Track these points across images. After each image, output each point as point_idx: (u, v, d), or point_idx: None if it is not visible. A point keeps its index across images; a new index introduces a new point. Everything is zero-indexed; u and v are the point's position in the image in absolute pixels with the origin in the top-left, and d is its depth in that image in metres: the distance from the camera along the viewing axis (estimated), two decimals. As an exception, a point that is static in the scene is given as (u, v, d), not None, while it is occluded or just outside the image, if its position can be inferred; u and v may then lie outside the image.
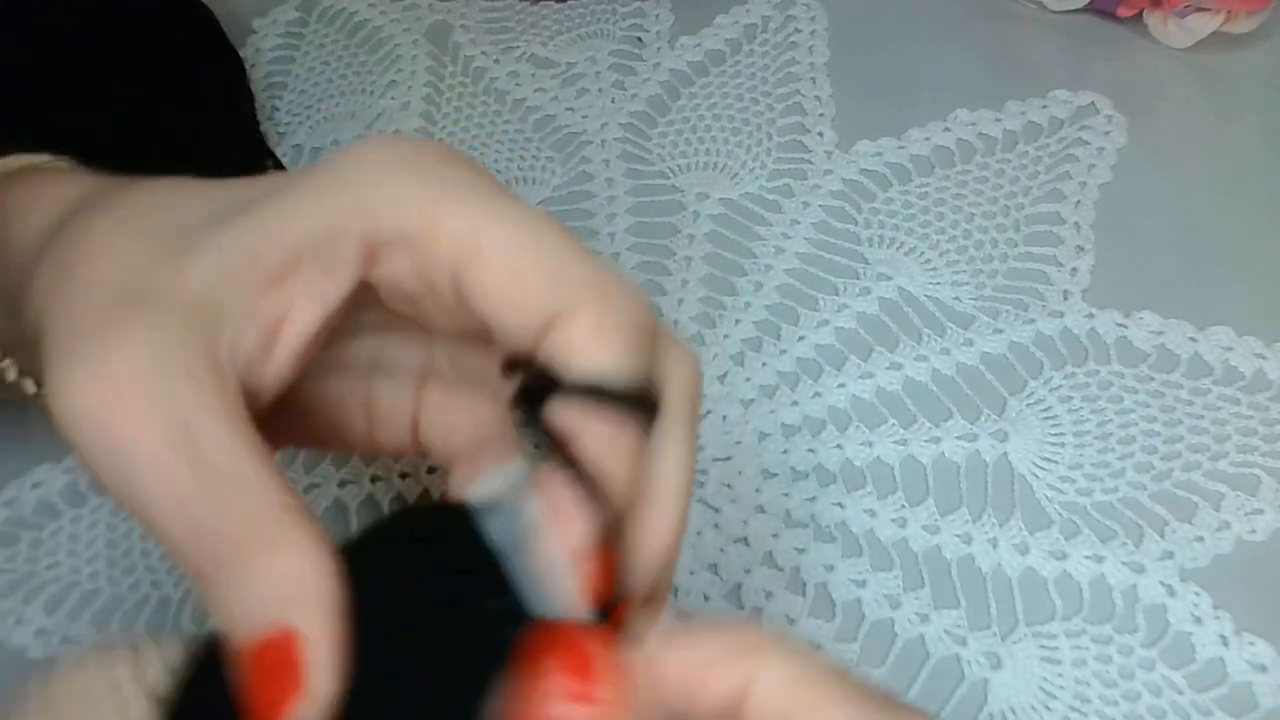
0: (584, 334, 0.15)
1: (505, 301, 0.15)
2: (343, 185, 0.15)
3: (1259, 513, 0.29)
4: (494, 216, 0.15)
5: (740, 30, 0.42)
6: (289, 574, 0.14)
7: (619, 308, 0.15)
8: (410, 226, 0.15)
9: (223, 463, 0.14)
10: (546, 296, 0.15)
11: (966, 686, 0.26)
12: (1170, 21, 0.39)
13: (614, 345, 0.15)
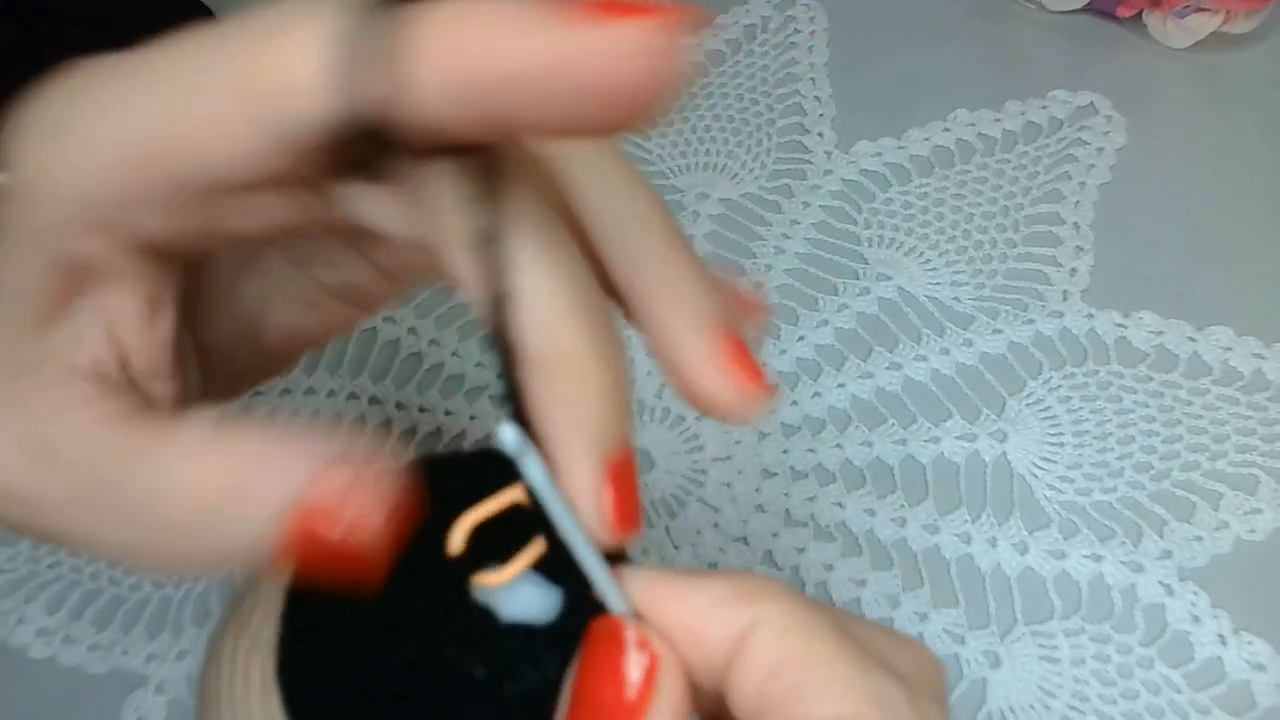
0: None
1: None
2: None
3: (1257, 512, 0.29)
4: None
5: (740, 30, 0.42)
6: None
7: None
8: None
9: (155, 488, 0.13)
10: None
11: (965, 685, 0.26)
12: (1169, 21, 0.39)
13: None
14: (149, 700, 0.27)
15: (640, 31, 0.10)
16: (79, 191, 0.13)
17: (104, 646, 0.27)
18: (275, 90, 0.11)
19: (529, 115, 0.11)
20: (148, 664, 0.27)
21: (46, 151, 0.13)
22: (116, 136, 0.12)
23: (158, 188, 0.12)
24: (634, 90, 0.11)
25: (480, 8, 0.11)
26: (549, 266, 0.13)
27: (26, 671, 0.27)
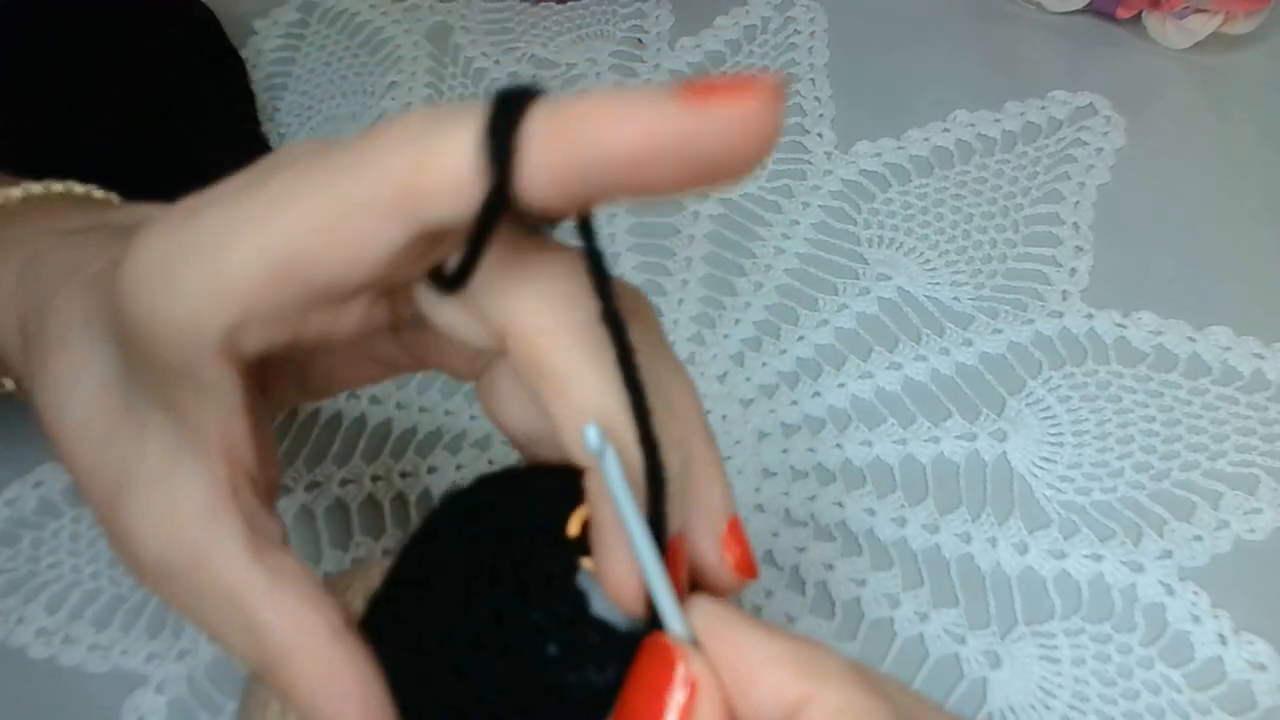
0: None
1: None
2: (142, 312, 0.15)
3: (1257, 512, 0.29)
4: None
5: (740, 31, 0.42)
6: (318, 711, 0.15)
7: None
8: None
9: (230, 617, 0.16)
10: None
11: (965, 685, 0.26)
12: (1169, 22, 0.39)
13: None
14: (149, 700, 0.27)
15: (742, 110, 0.12)
16: (207, 318, 0.14)
17: (104, 646, 0.27)
18: (432, 191, 0.13)
19: (644, 183, 0.13)
20: (148, 664, 0.27)
21: (167, 286, 0.14)
22: (259, 251, 0.14)
23: (290, 297, 0.14)
24: (739, 160, 0.12)
25: (602, 96, 0.13)
26: (681, 378, 0.16)
27: (26, 671, 0.27)
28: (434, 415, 0.32)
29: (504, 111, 0.12)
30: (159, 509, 0.16)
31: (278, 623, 0.16)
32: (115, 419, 0.16)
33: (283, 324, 0.15)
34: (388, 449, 0.31)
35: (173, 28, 0.37)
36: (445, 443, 0.31)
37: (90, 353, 0.17)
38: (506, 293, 0.14)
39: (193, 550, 0.16)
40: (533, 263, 0.15)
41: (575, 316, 0.14)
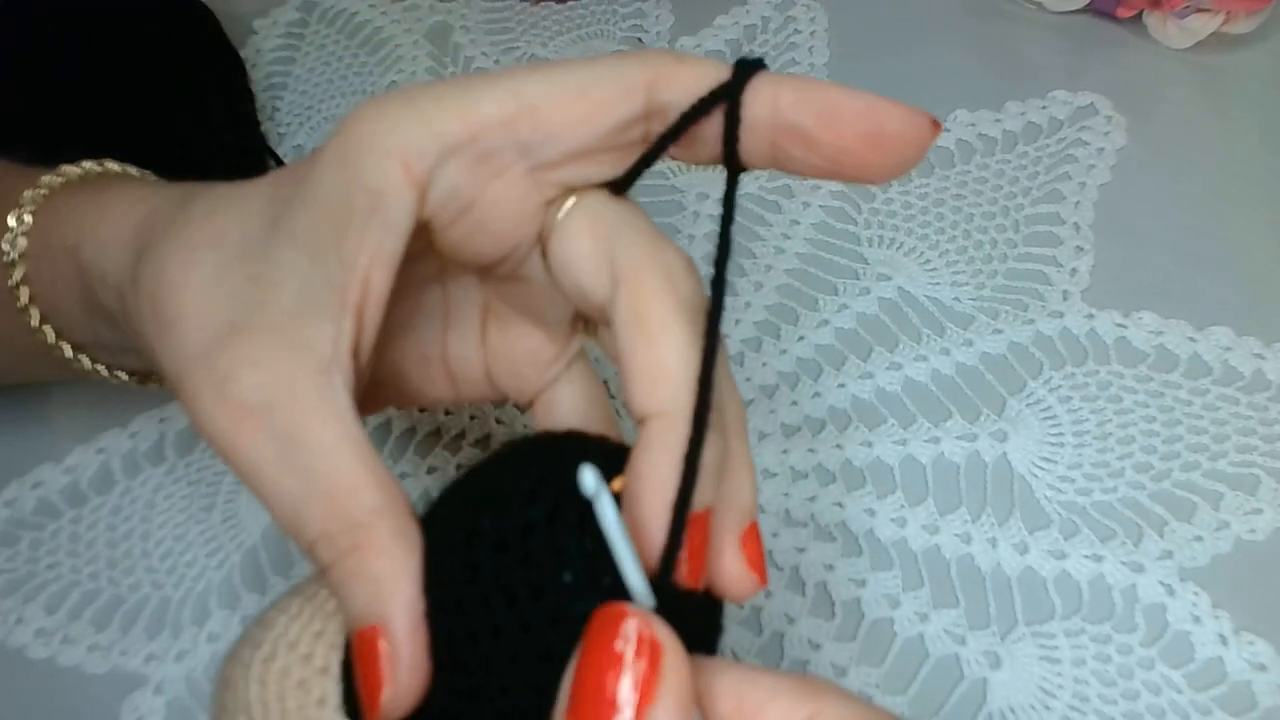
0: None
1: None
2: (359, 137, 0.16)
3: (1258, 512, 0.29)
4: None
5: (740, 31, 0.42)
6: (374, 577, 0.15)
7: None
8: (455, 125, 0.16)
9: (321, 470, 0.16)
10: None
11: (966, 686, 0.26)
12: (1169, 22, 0.39)
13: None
14: (148, 700, 0.27)
15: (918, 112, 0.17)
16: (445, 124, 0.16)
17: (103, 647, 0.27)
18: (682, 79, 0.16)
19: (832, 134, 0.16)
20: (147, 664, 0.27)
21: (410, 104, 0.16)
22: (511, 92, 0.16)
23: (517, 137, 0.16)
24: (906, 156, 0.16)
25: (822, 80, 0.17)
26: (734, 392, 0.18)
27: (25, 672, 0.27)
28: (434, 415, 0.32)
29: (750, 60, 0.16)
30: (276, 348, 0.16)
31: (369, 483, 0.16)
32: (248, 278, 0.17)
33: (477, 174, 0.16)
34: (387, 449, 0.31)
35: (172, 27, 0.37)
36: (445, 443, 0.31)
37: (236, 226, 0.17)
38: (637, 249, 0.17)
39: (301, 394, 0.16)
40: (660, 241, 0.17)
41: (683, 290, 0.17)
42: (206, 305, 0.17)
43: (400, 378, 0.21)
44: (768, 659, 0.27)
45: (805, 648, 0.27)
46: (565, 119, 0.16)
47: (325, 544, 0.16)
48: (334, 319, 0.16)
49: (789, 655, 0.27)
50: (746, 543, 0.17)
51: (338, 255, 0.16)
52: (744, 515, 0.17)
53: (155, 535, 0.29)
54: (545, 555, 0.15)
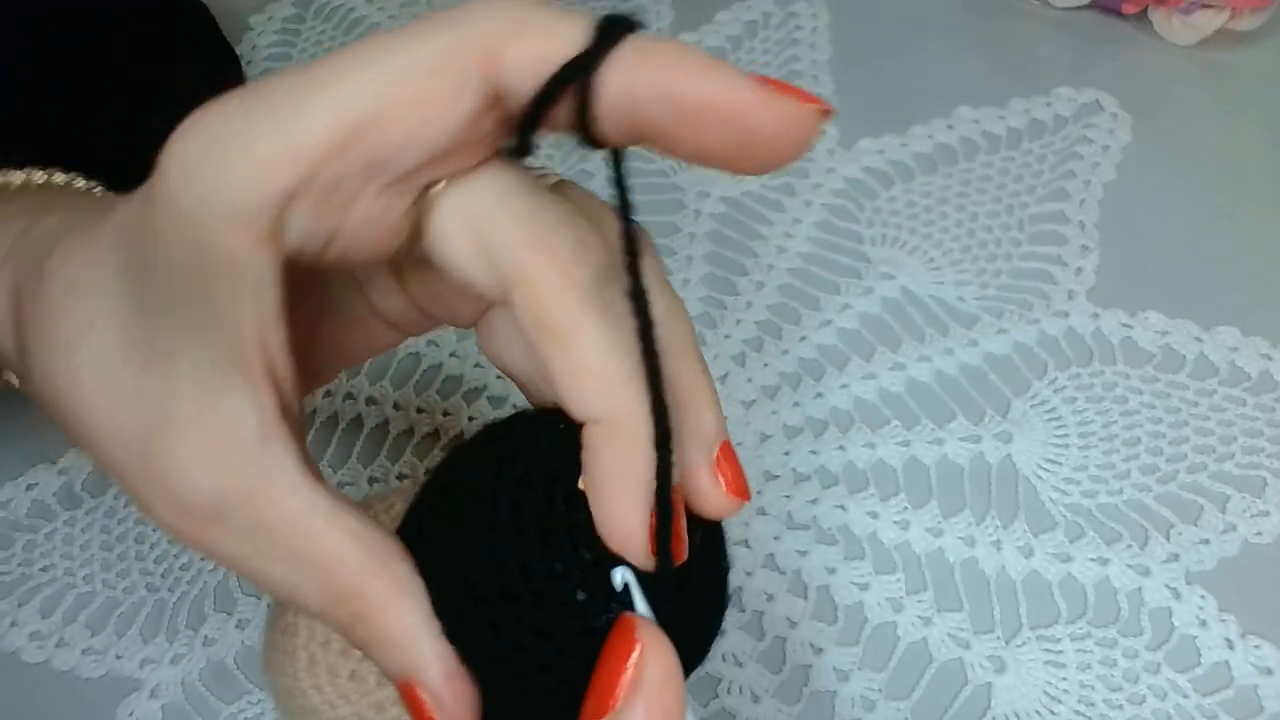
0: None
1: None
2: (187, 198, 0.14)
3: (1265, 515, 0.28)
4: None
5: (741, 27, 0.41)
6: (388, 640, 0.15)
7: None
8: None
9: (298, 550, 0.15)
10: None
11: (970, 690, 0.26)
12: (1175, 18, 0.39)
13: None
14: (144, 705, 0.26)
15: (802, 110, 0.14)
16: (272, 176, 0.14)
17: (98, 650, 0.27)
18: (525, 58, 0.14)
19: (695, 136, 0.14)
20: (142, 668, 0.27)
21: (225, 153, 0.14)
22: (333, 108, 0.14)
23: (356, 161, 0.14)
24: (779, 151, 0.14)
25: (695, 49, 0.14)
26: (679, 309, 0.17)
27: (20, 676, 0.27)
28: (432, 416, 0.31)
29: (614, 22, 0.14)
30: (204, 445, 0.15)
31: (348, 548, 0.15)
32: (138, 366, 0.15)
33: (329, 207, 0.14)
34: (384, 450, 0.31)
35: (167, 24, 0.36)
36: (443, 444, 0.31)
37: (100, 302, 0.16)
38: (517, 244, 0.15)
39: (248, 481, 0.15)
40: (543, 217, 0.15)
41: (582, 273, 0.15)
42: (112, 413, 0.15)
43: (342, 346, 0.19)
44: (769, 663, 0.27)
45: (808, 652, 0.27)
46: (403, 131, 0.14)
47: (332, 617, 0.15)
48: (246, 393, 0.15)
49: (790, 659, 0.27)
50: (720, 469, 0.16)
51: (220, 331, 0.15)
52: (711, 442, 0.16)
53: (150, 538, 0.29)
54: (555, 589, 0.15)
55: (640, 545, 0.14)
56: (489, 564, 0.15)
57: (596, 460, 0.14)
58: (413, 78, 0.14)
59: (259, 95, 0.14)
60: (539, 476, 0.15)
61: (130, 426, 0.15)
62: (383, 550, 0.15)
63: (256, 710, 0.26)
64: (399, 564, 0.15)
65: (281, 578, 0.15)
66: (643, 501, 0.14)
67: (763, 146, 0.14)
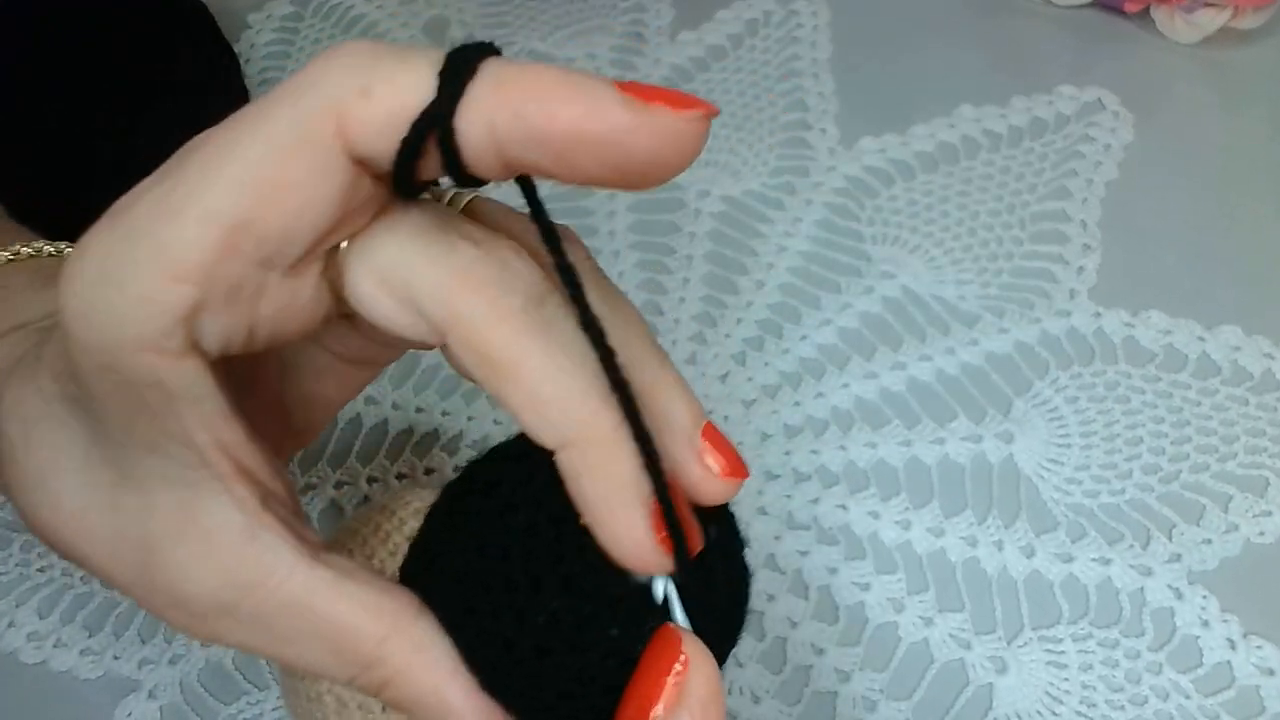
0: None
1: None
2: (93, 336, 0.14)
3: (1267, 515, 0.28)
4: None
5: (742, 25, 0.41)
6: (417, 701, 0.15)
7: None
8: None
9: (311, 630, 0.15)
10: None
11: (971, 691, 0.26)
12: (1177, 16, 0.39)
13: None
14: (142, 705, 0.26)
15: (679, 120, 0.13)
16: (166, 305, 0.13)
17: (96, 651, 0.27)
18: (378, 119, 0.13)
19: (571, 167, 0.13)
20: (140, 669, 0.27)
21: (114, 287, 0.13)
22: (204, 215, 0.13)
23: (244, 261, 0.13)
24: (660, 167, 0.13)
25: (553, 72, 0.13)
26: (628, 311, 0.16)
27: (18, 676, 0.27)
28: (431, 416, 0.31)
29: (461, 58, 0.13)
30: (196, 555, 0.15)
31: (359, 618, 0.15)
32: (110, 493, 0.15)
33: (239, 306, 0.14)
34: (383, 450, 0.31)
35: (165, 22, 0.36)
36: (442, 444, 0.31)
37: (58, 440, 0.16)
38: (437, 287, 0.14)
39: (245, 576, 0.15)
40: (459, 252, 0.14)
41: (513, 301, 0.14)
42: (101, 536, 0.15)
43: (317, 398, 0.19)
44: (770, 664, 0.27)
45: (808, 652, 0.27)
46: (280, 221, 0.13)
47: (357, 683, 0.15)
48: (221, 494, 0.15)
49: (791, 660, 0.27)
50: (710, 454, 0.15)
51: (176, 444, 0.14)
52: (690, 431, 0.15)
53: (149, 538, 0.29)
54: (589, 633, 0.15)
55: (652, 553, 0.14)
56: (516, 621, 0.15)
57: (580, 486, 0.14)
58: (271, 166, 0.13)
59: (133, 220, 0.13)
60: (543, 521, 0.15)
61: (122, 546, 0.15)
62: (396, 612, 0.15)
63: (255, 711, 0.26)
64: (415, 623, 0.15)
65: (298, 656, 0.15)
66: (639, 509, 0.14)
67: (643, 166, 0.13)
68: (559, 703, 0.15)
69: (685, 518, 0.15)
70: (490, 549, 0.15)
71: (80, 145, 0.33)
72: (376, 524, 0.22)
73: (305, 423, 0.19)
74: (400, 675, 0.15)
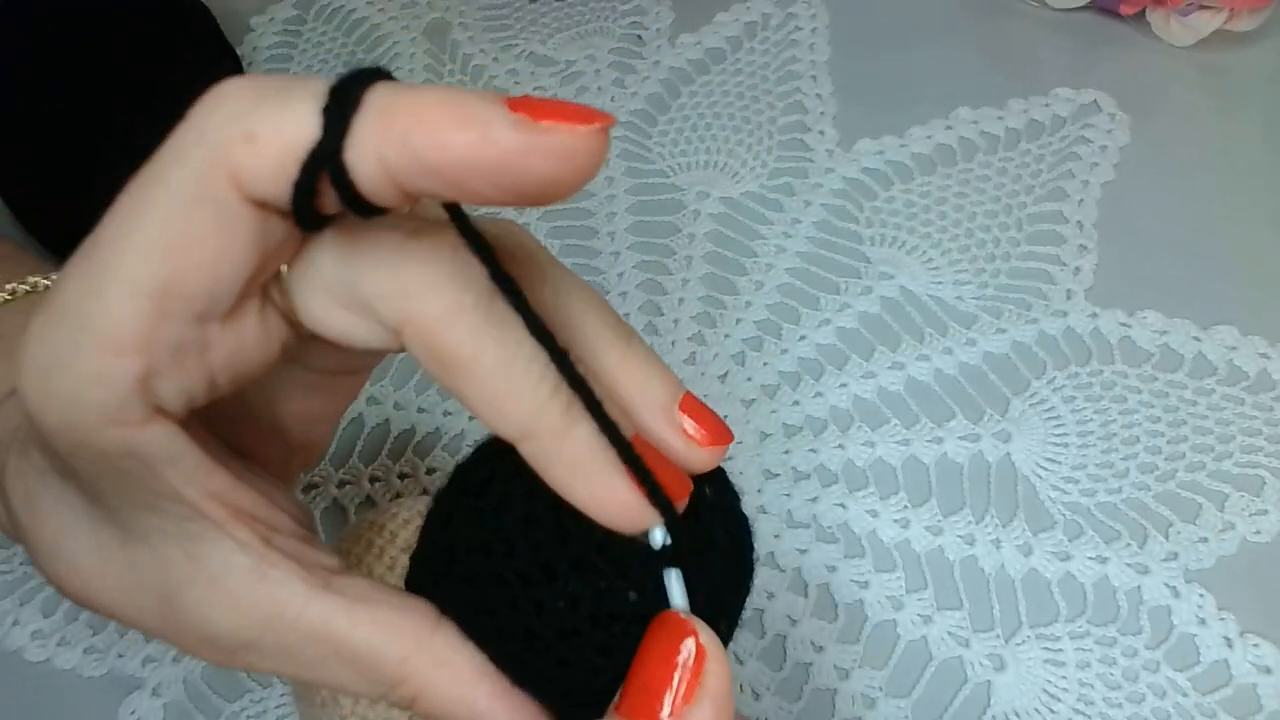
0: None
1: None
2: (54, 422, 0.14)
3: (1263, 513, 0.28)
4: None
5: (741, 28, 0.41)
6: (450, 710, 0.15)
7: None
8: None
9: (334, 655, 0.15)
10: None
11: (969, 689, 0.26)
12: (1173, 19, 0.39)
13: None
14: (145, 703, 0.26)
15: (573, 137, 0.12)
16: (114, 383, 0.13)
17: (100, 649, 0.27)
18: (267, 163, 0.13)
19: (469, 194, 0.13)
20: (144, 667, 0.27)
21: (62, 374, 0.14)
22: (127, 290, 0.13)
23: (180, 322, 0.13)
24: (557, 186, 0.13)
25: (440, 96, 0.13)
26: (587, 295, 0.16)
27: (22, 674, 0.27)
28: (432, 415, 0.32)
29: (343, 91, 0.12)
30: (211, 599, 0.15)
31: (378, 639, 0.15)
32: (122, 551, 0.16)
33: (187, 363, 0.14)
34: (385, 450, 0.31)
35: (168, 24, 0.36)
36: (444, 443, 0.31)
37: (60, 509, 0.16)
38: (389, 289, 0.14)
39: (262, 611, 0.15)
40: (409, 252, 0.14)
41: (465, 298, 0.14)
42: (121, 591, 0.16)
43: (310, 414, 0.19)
44: (770, 660, 0.27)
45: (808, 650, 0.27)
46: (200, 277, 0.13)
47: (386, 700, 0.16)
48: (224, 539, 0.15)
49: (791, 657, 0.27)
50: (688, 422, 0.16)
51: (166, 503, 0.15)
52: (666, 403, 0.15)
53: (152, 537, 0.29)
54: (609, 603, 0.15)
55: (639, 508, 0.14)
56: (535, 612, 0.15)
57: (549, 474, 0.14)
58: (175, 227, 0.13)
59: (64, 302, 0.14)
60: (540, 510, 0.15)
61: (142, 597, 0.16)
62: (414, 629, 0.15)
63: (259, 709, 0.26)
64: (435, 637, 0.15)
65: (325, 679, 0.16)
66: (612, 475, 0.14)
67: (538, 186, 0.13)
68: (594, 678, 0.15)
69: (663, 469, 0.15)
70: (495, 547, 0.15)
71: (80, 145, 0.33)
72: (369, 542, 0.22)
73: (306, 439, 0.19)
74: (426, 690, 0.15)
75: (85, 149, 0.33)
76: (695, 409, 0.16)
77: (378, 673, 0.15)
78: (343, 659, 0.15)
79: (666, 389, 0.16)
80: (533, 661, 0.15)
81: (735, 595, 0.16)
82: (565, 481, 0.14)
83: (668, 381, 0.16)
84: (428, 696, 0.15)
